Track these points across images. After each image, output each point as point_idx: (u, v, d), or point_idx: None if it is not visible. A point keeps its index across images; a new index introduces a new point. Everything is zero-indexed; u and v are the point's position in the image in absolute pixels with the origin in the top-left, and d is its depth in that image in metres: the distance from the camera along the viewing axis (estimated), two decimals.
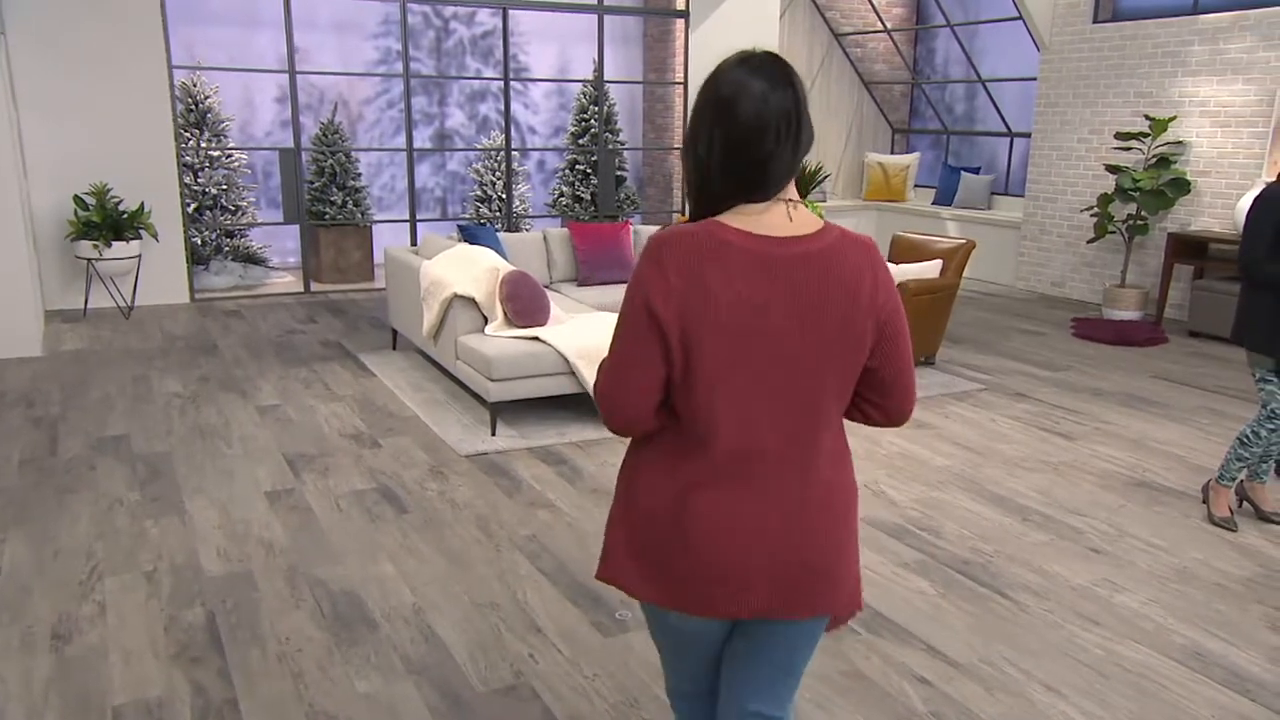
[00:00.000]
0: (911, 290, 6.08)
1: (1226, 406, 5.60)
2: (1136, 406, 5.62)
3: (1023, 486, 4.42)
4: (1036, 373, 6.35)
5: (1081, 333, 7.43)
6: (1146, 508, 4.19)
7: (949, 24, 10.50)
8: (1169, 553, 3.76)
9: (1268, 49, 7.28)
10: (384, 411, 5.41)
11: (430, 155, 10.12)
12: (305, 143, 8.96)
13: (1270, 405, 3.89)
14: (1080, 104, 8.70)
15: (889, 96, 11.66)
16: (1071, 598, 3.41)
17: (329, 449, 4.80)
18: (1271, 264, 3.73)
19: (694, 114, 1.57)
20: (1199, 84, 7.76)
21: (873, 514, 4.13)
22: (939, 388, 5.97)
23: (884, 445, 4.97)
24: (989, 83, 10.29)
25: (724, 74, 1.54)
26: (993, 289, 9.42)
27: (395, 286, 6.39)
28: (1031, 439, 5.06)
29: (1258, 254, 3.75)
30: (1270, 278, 3.75)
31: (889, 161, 11.19)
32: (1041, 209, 9.16)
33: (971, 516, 4.10)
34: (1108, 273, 8.50)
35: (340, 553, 3.68)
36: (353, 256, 9.12)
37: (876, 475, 4.56)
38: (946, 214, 10.26)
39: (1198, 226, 7.81)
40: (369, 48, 9.37)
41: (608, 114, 9.85)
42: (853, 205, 11.14)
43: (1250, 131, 7.45)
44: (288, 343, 6.95)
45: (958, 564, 3.66)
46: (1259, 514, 4.04)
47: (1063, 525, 4.01)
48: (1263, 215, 3.75)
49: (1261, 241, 3.73)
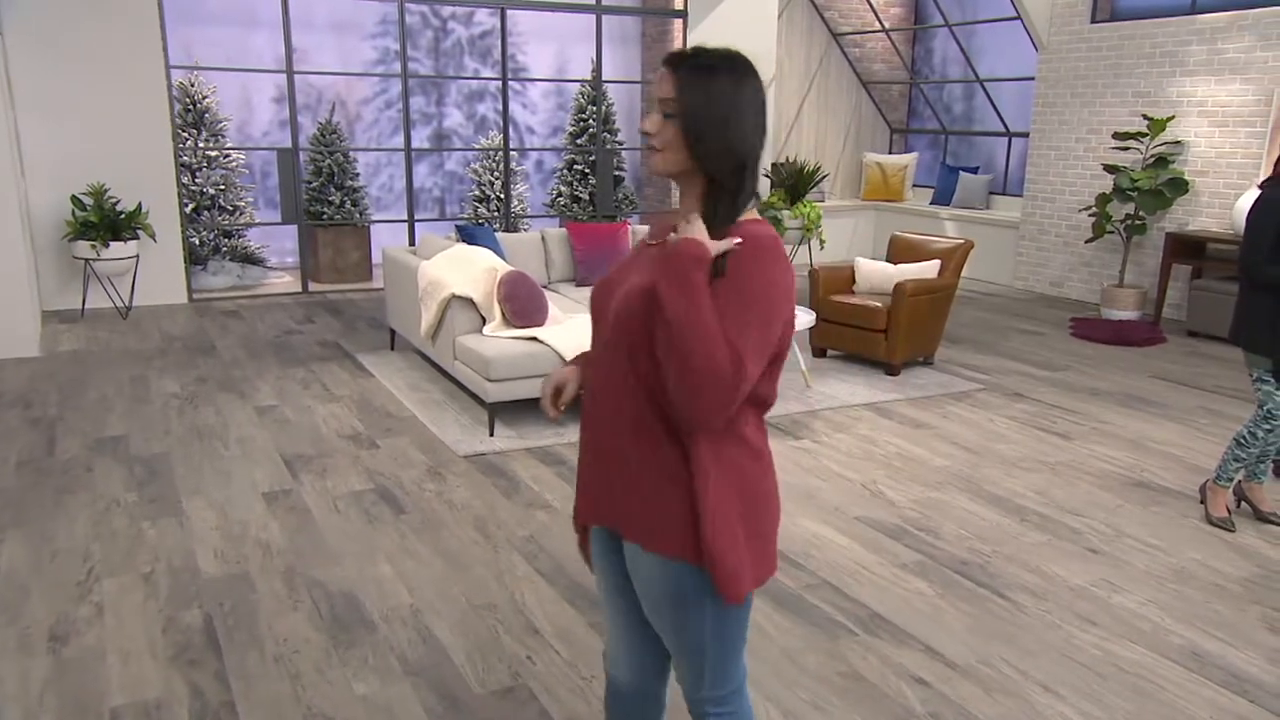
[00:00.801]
0: (910, 291, 6.08)
1: (1225, 406, 5.60)
2: (1134, 406, 5.62)
3: (1020, 486, 4.42)
4: (1035, 373, 6.36)
5: (1080, 333, 7.43)
6: (1144, 508, 4.19)
7: (947, 24, 10.51)
8: (1167, 553, 3.76)
9: (1265, 49, 7.29)
10: (382, 412, 5.41)
11: (428, 155, 10.12)
12: (303, 143, 8.96)
13: (1267, 405, 3.90)
14: (1078, 104, 8.70)
15: (887, 96, 11.66)
16: (1069, 598, 3.41)
17: (327, 450, 4.80)
18: (1272, 265, 3.73)
19: (746, 102, 1.61)
20: (1197, 84, 7.76)
21: (871, 514, 4.13)
22: (937, 388, 5.97)
23: (881, 445, 4.97)
24: (987, 83, 10.30)
25: (752, 64, 1.64)
26: (991, 289, 9.42)
27: (393, 287, 6.39)
28: (1029, 439, 5.06)
29: (1259, 256, 3.75)
30: (1271, 279, 3.75)
31: (887, 161, 11.19)
32: (1040, 209, 9.17)
33: (969, 517, 4.10)
34: (1106, 273, 8.50)
35: (338, 554, 3.68)
36: (351, 257, 9.12)
37: (875, 475, 4.56)
38: (945, 214, 10.27)
39: (1196, 226, 7.81)
40: (367, 47, 9.37)
41: (606, 114, 9.85)
42: (851, 205, 11.14)
43: (1248, 131, 7.45)
44: (285, 343, 6.95)
45: (956, 564, 3.66)
46: (1257, 514, 4.04)
47: (1060, 525, 4.01)
48: (1264, 218, 3.76)
49: (1263, 243, 3.74)
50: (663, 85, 1.61)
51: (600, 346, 1.74)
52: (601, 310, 1.76)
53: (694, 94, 1.58)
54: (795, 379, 6.07)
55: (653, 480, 1.66)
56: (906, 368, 6.37)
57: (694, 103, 1.58)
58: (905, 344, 6.19)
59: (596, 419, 1.75)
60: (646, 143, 1.65)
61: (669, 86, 1.60)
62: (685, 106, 1.59)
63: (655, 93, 1.65)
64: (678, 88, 1.59)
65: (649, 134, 1.64)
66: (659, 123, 1.63)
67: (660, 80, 1.63)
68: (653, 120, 1.64)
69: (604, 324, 1.73)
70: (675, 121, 1.61)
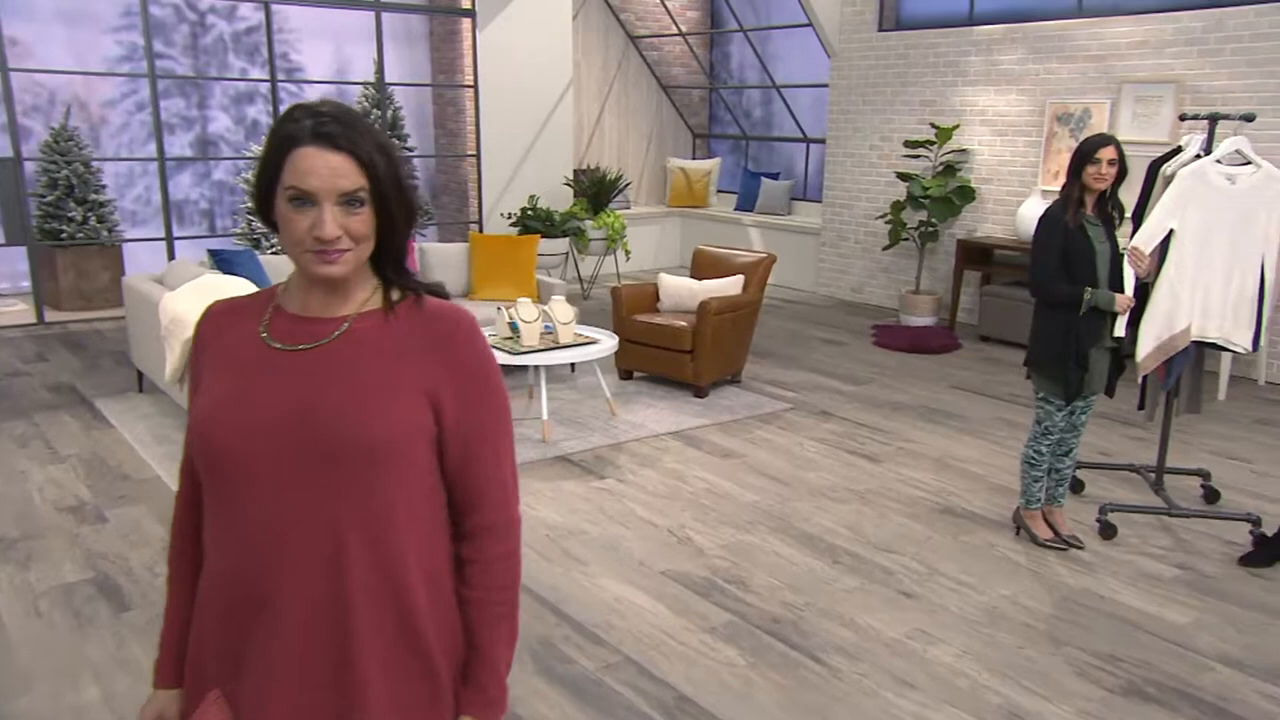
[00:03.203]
0: (714, 309, 5.82)
1: (1018, 416, 5.67)
2: (936, 420, 5.59)
3: (831, 521, 4.21)
4: (840, 387, 6.26)
5: (881, 341, 7.47)
6: (953, 538, 4.07)
7: (742, 29, 10.46)
8: (977, 590, 3.62)
9: (1036, 62, 7.55)
10: (117, 474, 4.60)
11: (191, 164, 9.06)
12: (32, 150, 7.76)
13: (1044, 423, 3.86)
14: (870, 111, 8.80)
15: (688, 101, 11.53)
16: (885, 656, 3.17)
17: (36, 529, 3.98)
18: (1059, 284, 3.67)
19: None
20: (978, 94, 7.98)
21: (678, 566, 3.78)
22: (745, 409, 5.74)
23: (690, 481, 4.65)
24: (784, 88, 10.32)
25: None
26: (795, 296, 9.42)
27: (136, 322, 5.53)
28: (838, 464, 4.89)
29: (1046, 275, 3.69)
30: (1061, 298, 3.69)
31: (690, 167, 11.05)
32: (839, 215, 9.24)
33: (781, 563, 3.83)
34: (903, 279, 8.65)
35: (27, 676, 2.95)
36: (99, 280, 8.00)
37: (682, 518, 4.23)
38: (749, 220, 10.22)
39: (983, 233, 8.04)
40: (109, 42, 8.24)
41: (393, 119, 9.15)
42: (657, 212, 10.93)
43: (1025, 140, 7.72)
44: (5, 389, 5.90)
45: (768, 623, 3.36)
46: (1058, 538, 3.99)
47: (873, 566, 3.80)
48: (1047, 236, 3.69)
49: (1049, 262, 3.68)
50: (345, 174, 1.28)
51: (268, 498, 1.28)
52: (261, 448, 1.29)
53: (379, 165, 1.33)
54: (600, 408, 5.68)
55: None
56: (714, 388, 6.12)
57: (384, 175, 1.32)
58: (712, 364, 5.94)
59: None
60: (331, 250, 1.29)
61: (352, 171, 1.30)
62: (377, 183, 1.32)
63: (332, 187, 1.27)
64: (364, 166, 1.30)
65: (335, 238, 1.28)
66: (346, 217, 1.30)
67: (335, 171, 1.28)
68: (333, 219, 1.28)
69: (279, 464, 1.28)
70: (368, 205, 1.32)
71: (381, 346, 1.35)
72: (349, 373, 1.33)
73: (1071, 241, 3.66)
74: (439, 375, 1.36)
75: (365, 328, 1.35)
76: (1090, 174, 3.59)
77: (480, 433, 1.40)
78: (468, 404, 1.39)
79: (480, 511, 1.41)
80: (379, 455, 1.31)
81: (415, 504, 1.37)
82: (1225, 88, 6.48)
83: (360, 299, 1.37)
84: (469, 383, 1.38)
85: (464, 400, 1.38)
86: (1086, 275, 3.67)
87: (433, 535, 1.40)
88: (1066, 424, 3.90)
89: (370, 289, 1.38)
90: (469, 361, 1.38)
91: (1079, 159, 3.60)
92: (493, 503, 1.42)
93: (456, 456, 1.39)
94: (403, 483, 1.34)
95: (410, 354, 1.35)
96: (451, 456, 1.39)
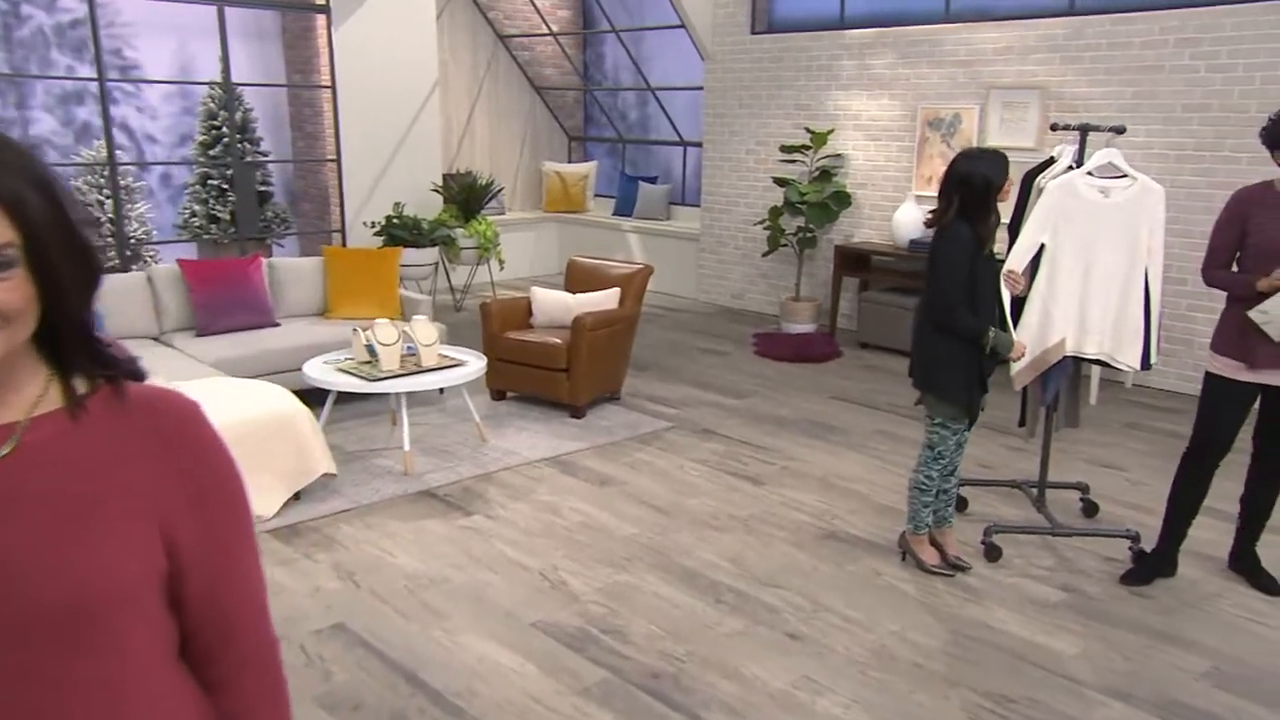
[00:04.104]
0: (590, 324, 5.53)
1: (899, 428, 5.58)
2: (818, 435, 5.45)
3: (714, 555, 3.97)
4: (723, 401, 6.07)
5: (762, 350, 7.33)
6: (839, 567, 3.89)
7: (614, 30, 10.20)
8: (866, 628, 3.44)
9: (906, 66, 7.55)
10: None
11: None
12: None
13: (938, 448, 3.72)
14: (746, 115, 8.68)
15: (562, 103, 11.21)
16: (771, 710, 2.94)
17: None
18: (967, 314, 3.49)
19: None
20: (851, 98, 7.93)
21: (550, 616, 3.47)
22: (624, 430, 5.47)
23: (564, 514, 4.35)
24: (659, 91, 10.12)
25: None
26: (676, 303, 9.23)
27: None
28: (720, 488, 4.67)
29: (956, 300, 3.49)
30: (967, 332, 3.52)
31: (566, 171, 10.73)
32: (717, 220, 9.08)
33: (661, 605, 3.57)
34: (783, 285, 8.55)
35: None
36: None
37: (555, 558, 3.92)
38: (627, 225, 9.97)
39: (859, 239, 8.00)
40: None
41: (243, 121, 8.50)
42: (532, 217, 10.57)
43: (898, 145, 7.71)
44: None
45: (646, 679, 3.09)
46: (945, 563, 3.86)
47: (758, 605, 3.58)
48: (956, 256, 3.49)
49: (957, 285, 3.48)
50: None
51: None
52: None
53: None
54: (469, 433, 5.32)
55: None
56: (592, 407, 5.83)
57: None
58: (588, 382, 5.65)
59: None
60: None
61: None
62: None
63: None
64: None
65: None
66: None
67: None
68: None
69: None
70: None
71: (73, 462, 0.99)
72: (30, 507, 0.96)
73: (981, 266, 3.52)
74: (167, 491, 1.02)
75: (43, 439, 0.99)
76: (1000, 199, 3.49)
77: (228, 557, 1.08)
78: (211, 524, 1.05)
79: (233, 644, 1.10)
80: (89, 621, 0.96)
81: (149, 678, 1.02)
82: (1087, 94, 6.58)
83: (29, 399, 1.00)
84: (207, 495, 1.05)
85: (206, 520, 1.05)
86: (989, 299, 3.56)
87: (177, 713, 1.05)
88: (955, 444, 3.77)
89: (41, 383, 1.01)
90: (205, 467, 1.05)
91: (993, 189, 3.45)
92: (247, 627, 1.11)
93: (200, 589, 1.05)
94: (126, 653, 0.99)
95: (119, 466, 1.00)
96: (192, 591, 1.05)
